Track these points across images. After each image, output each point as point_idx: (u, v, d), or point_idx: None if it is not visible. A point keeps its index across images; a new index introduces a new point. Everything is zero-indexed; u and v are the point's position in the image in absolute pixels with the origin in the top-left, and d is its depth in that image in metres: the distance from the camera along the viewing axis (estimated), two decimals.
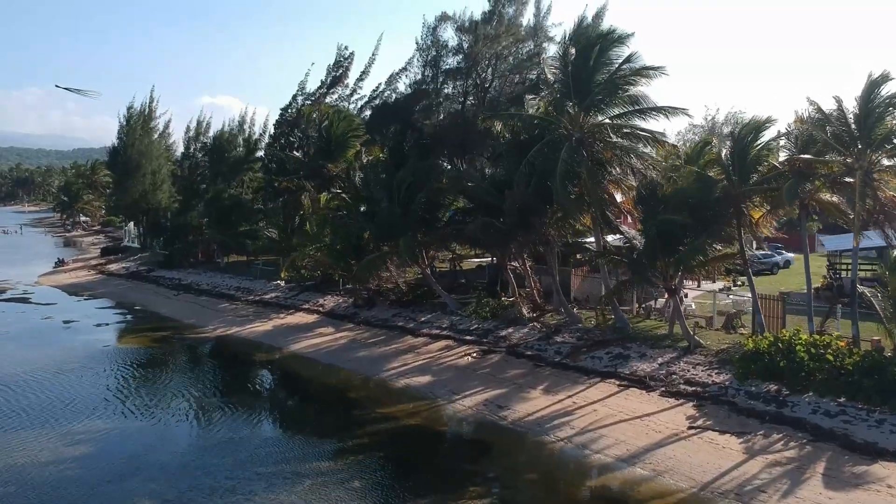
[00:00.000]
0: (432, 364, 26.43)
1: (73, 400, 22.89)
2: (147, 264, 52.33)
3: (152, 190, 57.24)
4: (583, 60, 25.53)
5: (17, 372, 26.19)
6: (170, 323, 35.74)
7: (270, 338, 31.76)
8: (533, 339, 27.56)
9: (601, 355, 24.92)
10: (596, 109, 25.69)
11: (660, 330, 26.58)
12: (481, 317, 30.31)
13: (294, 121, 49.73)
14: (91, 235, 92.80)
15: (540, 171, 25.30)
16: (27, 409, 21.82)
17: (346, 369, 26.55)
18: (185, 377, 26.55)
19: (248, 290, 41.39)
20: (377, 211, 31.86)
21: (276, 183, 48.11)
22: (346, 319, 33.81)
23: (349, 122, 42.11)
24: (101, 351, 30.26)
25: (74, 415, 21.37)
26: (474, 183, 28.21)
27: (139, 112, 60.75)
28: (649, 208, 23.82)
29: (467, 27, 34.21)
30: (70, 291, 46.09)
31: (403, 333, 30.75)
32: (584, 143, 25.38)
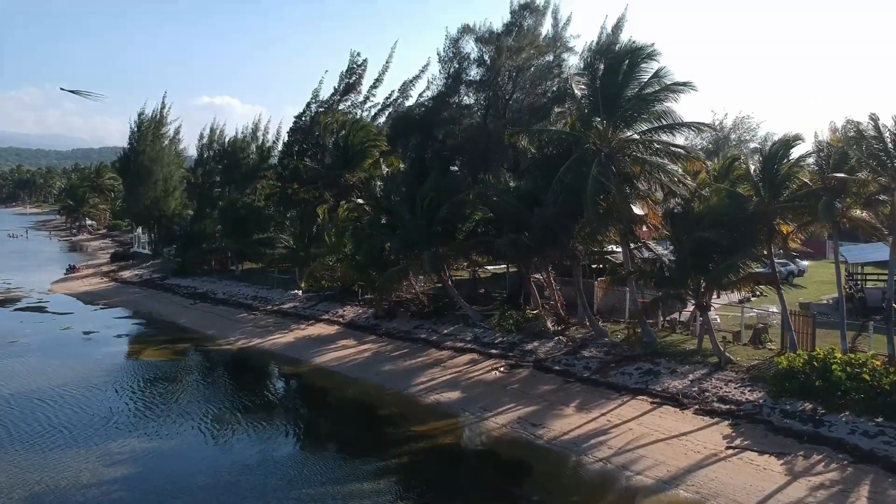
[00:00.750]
0: (460, 379, 26.44)
1: (109, 417, 22.92)
2: (160, 272, 52.29)
3: (164, 196, 57.29)
4: (611, 76, 25.58)
5: (48, 386, 26.24)
6: (190, 334, 35.72)
7: (294, 350, 31.74)
8: (560, 354, 27.58)
9: (631, 371, 24.96)
10: (624, 125, 25.72)
11: (687, 345, 26.61)
12: (505, 329, 30.33)
13: (308, 129, 49.75)
14: (98, 239, 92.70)
15: (569, 187, 25.31)
16: (66, 426, 21.85)
17: (374, 384, 26.53)
18: (215, 393, 26.49)
19: (266, 299, 41.36)
20: (400, 224, 31.86)
21: (290, 191, 48.20)
22: (367, 331, 33.80)
23: (366, 132, 42.16)
24: (126, 364, 30.33)
25: (111, 432, 21.40)
26: (500, 198, 28.20)
27: (150, 118, 60.79)
28: (680, 225, 23.85)
29: (489, 39, 34.22)
30: (85, 300, 46.05)
31: (427, 346, 30.76)
32: (613, 159, 25.42)
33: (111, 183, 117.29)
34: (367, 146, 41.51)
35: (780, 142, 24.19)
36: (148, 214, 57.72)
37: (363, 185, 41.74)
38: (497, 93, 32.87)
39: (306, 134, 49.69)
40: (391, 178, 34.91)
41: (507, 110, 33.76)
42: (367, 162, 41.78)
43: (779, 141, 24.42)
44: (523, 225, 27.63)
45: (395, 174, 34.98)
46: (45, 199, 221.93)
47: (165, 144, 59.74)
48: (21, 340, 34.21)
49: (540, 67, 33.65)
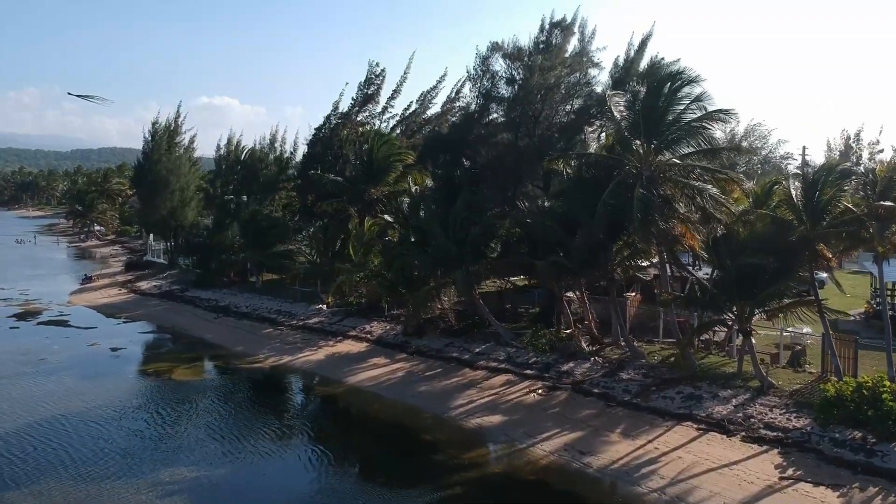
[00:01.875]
0: (499, 401, 26.45)
1: (157, 442, 22.93)
2: (179, 283, 52.21)
3: (181, 207, 57.24)
4: (653, 99, 25.66)
5: (88, 408, 26.23)
6: (218, 351, 35.66)
7: (326, 369, 31.73)
8: (597, 376, 27.60)
9: (672, 395, 24.98)
10: (665, 148, 25.76)
11: (726, 367, 26.65)
12: (538, 349, 30.33)
13: (328, 140, 49.76)
14: (107, 246, 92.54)
15: (609, 210, 25.35)
16: (117, 452, 21.82)
17: (413, 406, 26.50)
18: (256, 416, 26.42)
19: (290, 314, 41.31)
20: (432, 243, 31.85)
21: (310, 204, 48.24)
22: (397, 349, 33.78)
23: (391, 146, 42.17)
24: (161, 384, 30.27)
25: (162, 459, 21.36)
26: (535, 219, 28.20)
27: (164, 127, 60.72)
28: (724, 250, 23.88)
29: (519, 56, 34.22)
30: (106, 313, 45.97)
31: (460, 366, 30.76)
32: (654, 182, 25.46)
33: (118, 188, 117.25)
34: (391, 160, 41.53)
35: (823, 168, 24.29)
36: (165, 225, 57.63)
37: (388, 200, 41.81)
38: (527, 110, 32.84)
39: (326, 146, 49.74)
40: (420, 196, 34.87)
41: (536, 127, 33.74)
42: (391, 176, 41.81)
43: (821, 167, 24.51)
44: (561, 246, 27.66)
45: (423, 191, 34.96)
46: (48, 202, 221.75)
47: (181, 154, 59.60)
48: (50, 358, 34.12)
49: (569, 84, 33.63)
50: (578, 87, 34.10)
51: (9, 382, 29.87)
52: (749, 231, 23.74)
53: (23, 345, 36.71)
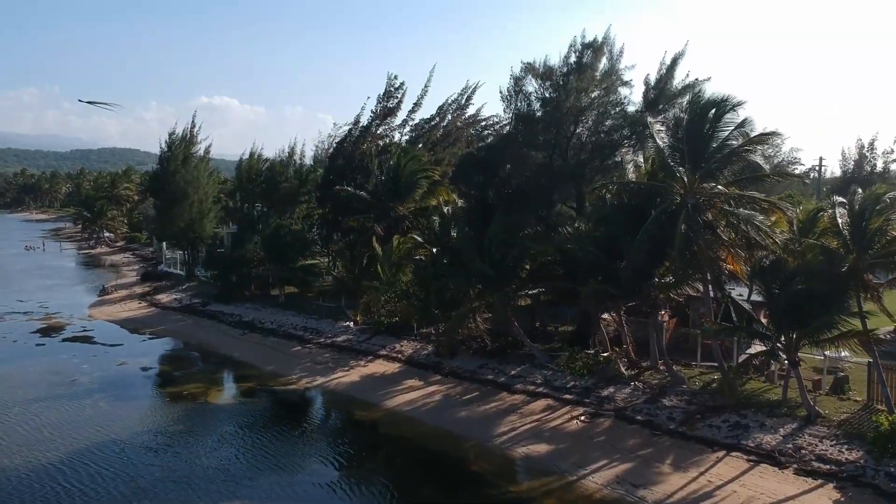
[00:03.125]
0: (542, 428, 26.36)
1: (211, 470, 22.88)
2: (199, 296, 52.06)
3: (199, 219, 57.13)
4: (697, 126, 25.57)
5: (131, 434, 26.27)
6: (250, 371, 35.55)
7: (361, 391, 31.62)
8: (639, 402, 27.53)
9: (718, 424, 24.91)
10: (709, 176, 25.71)
11: (768, 393, 26.60)
12: (575, 372, 30.26)
13: (350, 154, 49.70)
14: (117, 253, 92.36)
15: (653, 237, 25.30)
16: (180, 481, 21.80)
17: (455, 433, 26.41)
18: (299, 444, 26.33)
19: (317, 331, 41.19)
20: (467, 264, 31.78)
21: (331, 217, 48.17)
22: (430, 370, 33.68)
23: (417, 161, 42.09)
24: (198, 408, 30.21)
25: (219, 490, 21.30)
26: (577, 245, 28.12)
27: (181, 137, 60.57)
28: (772, 279, 23.84)
29: (550, 76, 34.15)
30: (130, 328, 45.86)
31: (497, 389, 30.67)
32: (698, 210, 25.41)
33: (125, 193, 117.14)
34: (418, 177, 41.46)
35: (870, 196, 24.25)
36: (183, 236, 57.51)
37: (414, 217, 41.75)
38: (561, 131, 32.79)
39: (348, 159, 49.68)
40: (452, 216, 34.79)
41: (569, 148, 33.68)
42: (417, 192, 41.75)
43: (867, 195, 24.47)
44: (602, 272, 27.61)
45: (455, 211, 34.86)
46: (51, 204, 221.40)
47: (199, 165, 59.44)
48: (82, 379, 34.06)
49: (603, 105, 33.57)
50: (611, 107, 34.00)
51: (46, 406, 29.80)
52: (798, 260, 23.67)
53: (52, 364, 36.66)
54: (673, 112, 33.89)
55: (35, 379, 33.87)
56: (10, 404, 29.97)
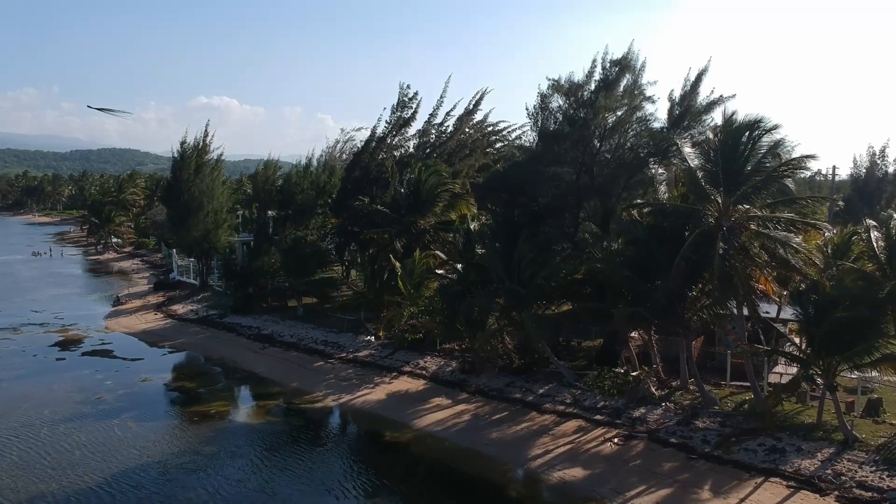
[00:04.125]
0: (576, 451, 26.31)
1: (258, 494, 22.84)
2: (216, 308, 51.95)
3: (214, 229, 57.05)
4: (732, 149, 25.56)
5: (168, 455, 26.32)
6: (274, 388, 35.46)
7: (389, 410, 31.55)
8: (671, 423, 27.49)
9: (754, 447, 24.88)
10: (744, 199, 25.69)
11: (801, 415, 26.59)
12: (605, 392, 30.24)
13: (366, 167, 49.69)
14: (125, 259, 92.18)
15: (690, 260, 25.29)
16: None
17: (489, 456, 26.35)
18: (338, 465, 26.12)
19: (338, 345, 41.12)
20: (495, 282, 31.76)
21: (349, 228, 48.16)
22: (456, 387, 33.61)
23: (438, 176, 42.05)
24: (228, 427, 30.16)
25: None
26: (608, 267, 28.08)
27: (193, 146, 60.46)
28: (810, 304, 23.82)
29: (574, 93, 34.14)
30: (148, 341, 45.75)
31: (526, 409, 30.60)
32: (733, 232, 25.40)
33: (132, 198, 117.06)
34: (439, 191, 41.43)
35: None
36: (198, 247, 57.42)
37: (435, 231, 41.75)
38: (588, 149, 32.78)
39: (365, 171, 49.68)
40: (478, 233, 34.75)
41: (595, 165, 33.66)
42: (438, 206, 41.73)
43: None
44: (635, 293, 27.58)
45: (482, 228, 34.81)
46: (54, 207, 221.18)
47: (213, 174, 59.33)
48: (107, 396, 33.95)
49: (629, 122, 33.56)
50: (637, 125, 34.00)
51: (74, 426, 29.70)
52: (835, 284, 23.67)
53: (75, 381, 36.54)
54: (698, 128, 33.98)
55: (60, 397, 33.78)
56: (38, 424, 29.89)
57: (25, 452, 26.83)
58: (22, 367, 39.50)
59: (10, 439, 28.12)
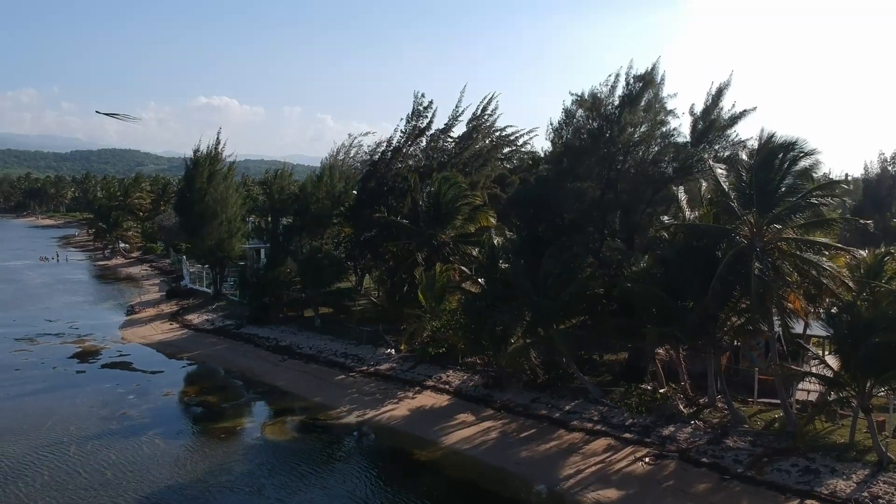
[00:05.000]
0: (607, 471, 26.31)
1: None
2: (232, 318, 51.94)
3: (228, 238, 57.04)
4: (765, 171, 25.59)
5: (202, 474, 26.40)
6: (298, 402, 35.43)
7: (415, 426, 31.55)
8: (702, 442, 27.49)
9: (787, 468, 24.90)
10: (778, 220, 25.72)
11: (833, 434, 26.59)
12: (632, 409, 30.23)
13: (383, 177, 49.67)
14: (134, 265, 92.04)
15: (723, 280, 25.32)
16: None
17: (520, 476, 26.36)
18: (370, 488, 26.16)
19: (358, 358, 41.11)
20: (521, 298, 31.77)
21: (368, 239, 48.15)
22: (481, 403, 33.58)
23: (458, 188, 42.04)
24: (256, 444, 30.13)
25: None
26: (638, 287, 28.08)
27: (205, 155, 60.41)
28: (844, 326, 23.84)
29: (597, 107, 34.14)
30: (166, 352, 45.73)
31: (554, 426, 30.59)
32: (766, 253, 25.43)
33: (139, 202, 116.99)
34: (459, 204, 41.44)
35: None
36: (212, 256, 57.41)
37: (455, 244, 41.75)
38: (613, 164, 32.80)
39: (381, 182, 49.66)
40: (502, 248, 34.74)
41: (619, 180, 33.66)
42: (458, 219, 41.74)
43: None
44: (666, 313, 27.60)
45: (506, 243, 34.79)
46: (56, 209, 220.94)
47: (227, 182, 59.30)
48: (130, 412, 33.96)
49: (653, 137, 33.56)
50: (661, 139, 34.01)
51: (102, 444, 29.70)
52: (870, 306, 23.71)
53: (98, 395, 36.54)
54: (722, 143, 34.01)
55: (84, 413, 33.78)
56: (66, 443, 29.89)
57: (57, 472, 26.85)
58: (43, 379, 39.51)
59: (40, 458, 28.15)
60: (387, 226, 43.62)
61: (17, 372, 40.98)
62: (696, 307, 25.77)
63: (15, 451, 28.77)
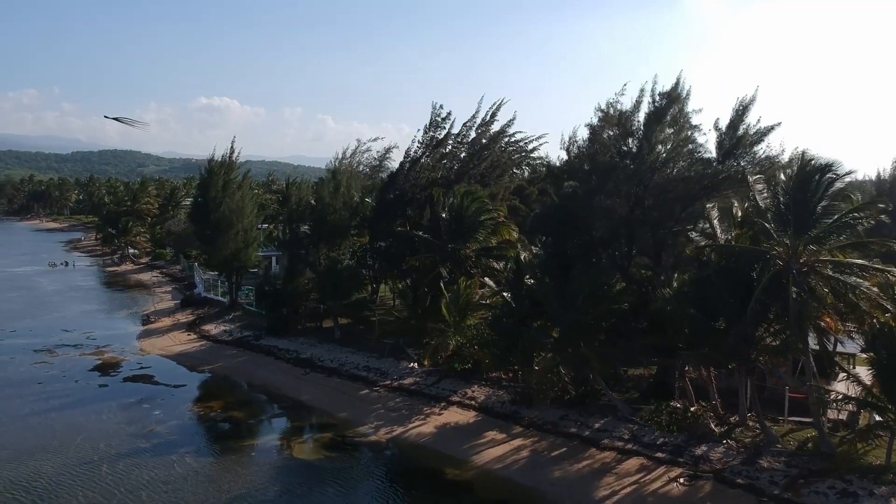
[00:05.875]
0: (643, 492, 26.31)
1: None
2: (250, 328, 51.97)
3: (244, 248, 57.09)
4: (802, 193, 25.62)
5: (248, 492, 26.45)
6: (324, 418, 35.41)
7: (444, 444, 31.53)
8: (735, 463, 27.50)
9: (825, 490, 24.92)
10: (815, 241, 25.75)
11: (867, 454, 26.59)
12: (662, 428, 30.24)
13: (402, 190, 49.70)
14: (144, 271, 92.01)
15: (761, 302, 25.37)
16: None
17: (554, 497, 26.30)
18: None
19: (381, 371, 41.12)
20: (551, 316, 31.82)
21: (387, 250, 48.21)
22: (509, 420, 33.57)
23: (481, 203, 42.08)
24: (288, 464, 30.15)
25: None
26: (673, 307, 28.09)
27: (220, 164, 60.50)
28: (885, 348, 23.88)
29: (622, 123, 34.20)
30: (187, 364, 45.74)
31: (584, 444, 30.58)
32: (803, 275, 25.46)
33: (146, 207, 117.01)
34: (482, 218, 41.47)
35: None
36: (228, 265, 57.44)
37: (478, 258, 41.78)
38: (641, 181, 32.84)
39: (400, 194, 49.69)
40: (528, 264, 34.77)
41: (646, 197, 33.69)
42: (481, 233, 41.78)
43: None
44: (700, 333, 27.64)
45: (532, 259, 34.81)
46: (60, 212, 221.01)
47: (243, 191, 59.36)
48: (158, 429, 33.93)
49: (681, 154, 33.60)
50: (689, 155, 34.04)
51: (133, 463, 29.67)
52: None
53: (123, 410, 36.54)
54: (748, 159, 34.03)
55: (112, 429, 33.78)
56: (96, 461, 29.88)
57: (92, 493, 26.86)
58: (66, 394, 39.52)
59: (72, 478, 28.15)
60: (408, 239, 43.62)
61: (40, 386, 40.99)
62: (730, 328, 25.79)
63: (48, 470, 28.80)
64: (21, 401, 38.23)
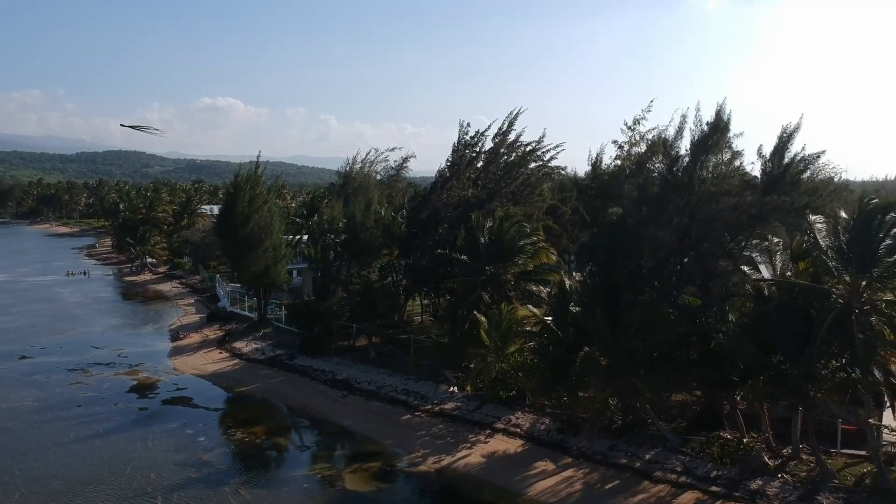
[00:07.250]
0: None
1: None
2: (281, 346, 52.08)
3: (273, 264, 57.18)
4: (864, 232, 25.65)
5: None
6: (370, 446, 35.37)
7: (494, 475, 31.56)
8: (793, 498, 27.47)
9: None
10: (877, 280, 25.79)
11: None
12: (714, 460, 30.25)
13: (434, 208, 49.79)
14: (164, 282, 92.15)
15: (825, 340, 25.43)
16: None
17: None
18: None
19: (420, 395, 41.15)
20: (602, 348, 31.84)
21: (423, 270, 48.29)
22: (557, 449, 33.58)
23: (520, 227, 42.12)
24: (341, 497, 30.15)
25: None
26: (732, 343, 28.12)
27: (245, 177, 60.54)
28: None
29: (668, 153, 34.18)
30: (223, 385, 45.86)
31: (637, 476, 30.57)
32: (864, 314, 25.50)
33: (163, 216, 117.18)
34: (523, 242, 41.51)
35: None
36: (258, 282, 57.55)
37: (517, 282, 41.84)
38: (691, 212, 32.82)
39: (433, 214, 49.77)
40: (575, 292, 34.80)
41: (694, 228, 33.64)
42: (521, 257, 41.82)
43: None
44: (756, 368, 27.68)
45: (580, 289, 34.82)
46: (70, 216, 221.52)
47: (271, 207, 59.44)
48: (206, 457, 33.93)
49: (731, 185, 33.54)
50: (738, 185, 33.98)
51: (189, 497, 29.70)
52: None
53: (167, 435, 36.62)
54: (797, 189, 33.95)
55: (160, 458, 33.85)
56: (151, 493, 29.95)
57: None
58: (108, 418, 39.63)
59: None
60: (446, 261, 43.67)
61: (80, 409, 41.13)
62: (788, 363, 25.87)
63: None
64: (64, 425, 38.39)
